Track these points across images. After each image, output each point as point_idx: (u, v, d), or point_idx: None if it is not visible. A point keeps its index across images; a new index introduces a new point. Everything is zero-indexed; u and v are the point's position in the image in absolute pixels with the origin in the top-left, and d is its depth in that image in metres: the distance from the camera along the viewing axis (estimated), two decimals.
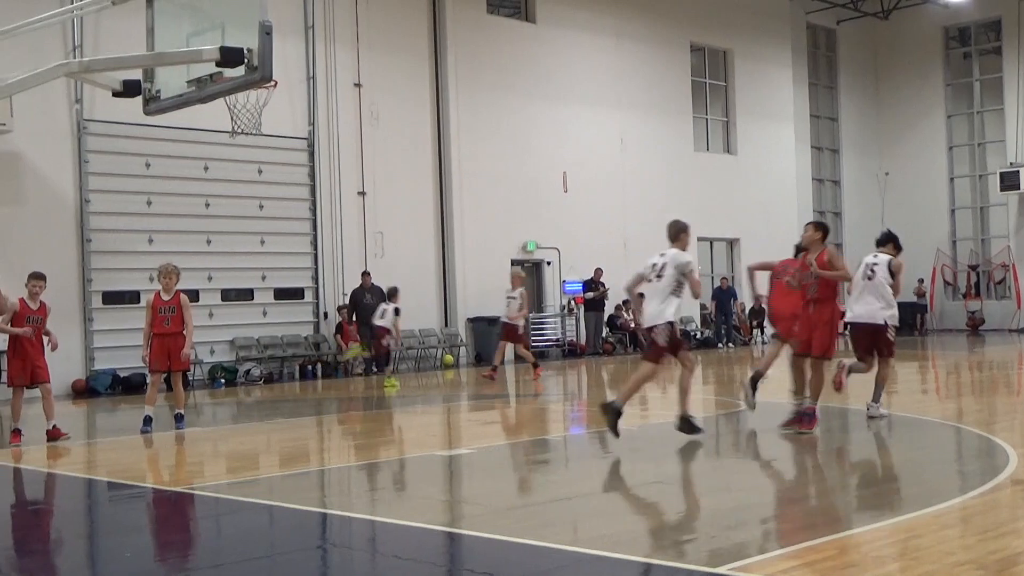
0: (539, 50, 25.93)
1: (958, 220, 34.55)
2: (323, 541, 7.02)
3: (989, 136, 33.86)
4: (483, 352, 23.97)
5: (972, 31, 34.41)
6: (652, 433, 12.05)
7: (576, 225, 26.18)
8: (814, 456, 10.15)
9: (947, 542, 6.04)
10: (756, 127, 31.14)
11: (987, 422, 11.52)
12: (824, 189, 34.83)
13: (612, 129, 27.42)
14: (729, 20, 30.42)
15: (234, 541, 7.00)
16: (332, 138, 22.31)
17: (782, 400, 13.64)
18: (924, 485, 8.08)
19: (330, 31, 22.33)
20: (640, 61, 28.20)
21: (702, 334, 29.03)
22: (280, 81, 12.70)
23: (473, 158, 24.40)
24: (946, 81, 34.57)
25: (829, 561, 5.73)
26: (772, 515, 7.10)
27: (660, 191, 28.22)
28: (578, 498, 8.00)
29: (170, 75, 10.03)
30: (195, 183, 20.35)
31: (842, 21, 34.37)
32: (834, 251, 11.18)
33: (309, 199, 22.07)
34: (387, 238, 23.02)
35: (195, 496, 8.41)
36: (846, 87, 35.12)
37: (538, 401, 16.73)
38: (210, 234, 20.51)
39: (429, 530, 6.87)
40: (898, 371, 20.09)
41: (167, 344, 12.47)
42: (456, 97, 24.17)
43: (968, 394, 15.79)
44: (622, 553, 5.91)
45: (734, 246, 30.81)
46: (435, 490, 8.84)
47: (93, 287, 19.28)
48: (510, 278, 19.90)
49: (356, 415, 15.35)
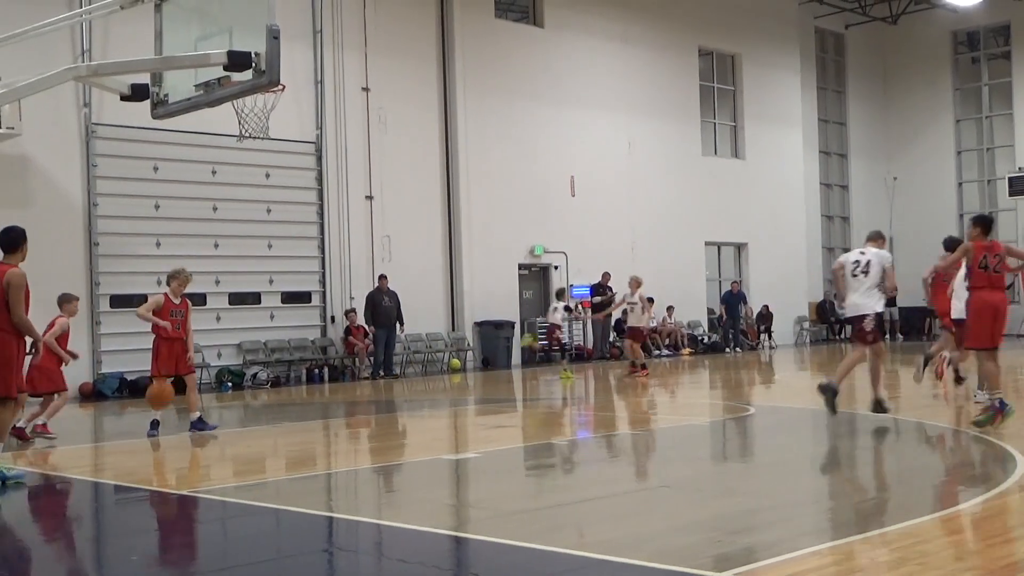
0: (547, 54, 25.94)
1: (967, 225, 34.42)
2: (329, 545, 7.01)
3: (998, 141, 33.80)
4: (489, 356, 23.98)
5: (981, 35, 34.37)
6: (658, 438, 12.05)
7: (584, 229, 26.18)
8: (821, 461, 10.13)
9: (954, 547, 6.03)
10: (764, 131, 31.12)
11: (996, 427, 11.47)
12: (832, 194, 34.80)
13: (620, 133, 27.42)
14: (737, 24, 30.42)
15: (240, 545, 7.00)
16: (340, 142, 22.35)
17: (792, 405, 13.58)
18: (932, 490, 8.05)
19: (338, 35, 22.38)
20: (648, 65, 28.21)
21: (709, 338, 28.99)
22: (288, 85, 12.72)
23: (481, 162, 24.41)
24: (955, 86, 34.52)
25: (836, 566, 5.72)
26: (779, 520, 7.09)
27: (668, 195, 28.23)
28: (584, 502, 7.99)
29: (178, 79, 10.03)
30: (203, 187, 20.40)
31: (850, 26, 34.35)
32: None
33: (316, 203, 22.11)
34: (394, 242, 23.04)
35: (201, 500, 8.41)
36: (854, 91, 35.09)
37: (544, 406, 16.72)
38: (218, 238, 20.55)
39: (435, 534, 6.86)
40: (904, 376, 20.05)
41: (175, 349, 12.54)
42: (464, 101, 24.19)
43: (974, 399, 15.70)
44: (627, 558, 5.90)
45: (742, 250, 30.79)
46: (441, 494, 8.83)
47: (101, 290, 19.33)
48: (628, 284, 20.72)
49: (363, 419, 15.35)
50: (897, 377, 18.65)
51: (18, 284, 8.88)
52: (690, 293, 28.97)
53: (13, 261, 9.16)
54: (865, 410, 12.40)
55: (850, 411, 14.11)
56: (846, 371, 11.83)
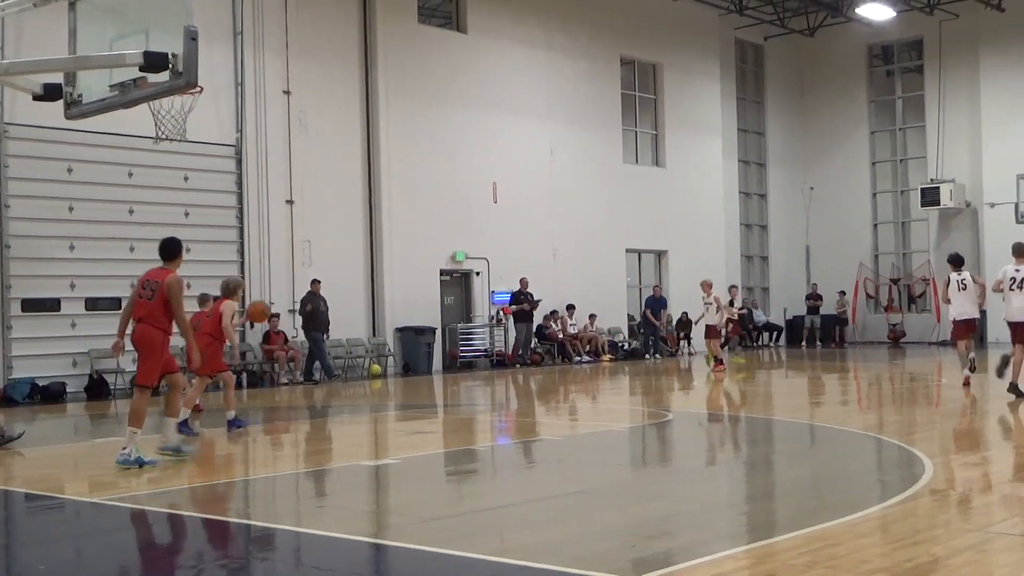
0: (470, 61, 25.97)
1: (880, 235, 35.23)
2: (246, 552, 6.94)
3: (911, 152, 34.58)
4: (410, 362, 23.92)
5: (895, 50, 35.15)
6: (577, 443, 12.12)
7: (505, 235, 26.24)
8: (736, 466, 10.28)
9: (863, 550, 6.15)
10: (685, 140, 31.50)
11: (906, 433, 11.75)
12: (751, 202, 35.31)
13: (542, 140, 27.55)
14: (659, 34, 30.75)
15: (155, 553, 6.90)
16: (260, 146, 22.13)
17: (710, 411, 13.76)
18: (842, 494, 8.22)
19: (259, 38, 22.16)
20: (571, 73, 28.38)
21: (630, 345, 29.23)
22: (207, 87, 12.59)
23: (403, 167, 24.35)
24: (869, 98, 35.26)
25: (748, 570, 5.81)
26: (695, 524, 7.18)
27: (589, 202, 28.42)
28: (503, 508, 8.01)
29: (92, 79, 9.87)
30: (119, 189, 20.05)
31: (769, 37, 34.92)
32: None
33: (236, 207, 21.86)
34: (315, 247, 22.87)
35: (116, 508, 8.26)
36: (773, 102, 35.67)
37: (465, 411, 16.72)
38: (134, 241, 20.20)
39: (354, 541, 6.83)
40: (822, 382, 20.44)
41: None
42: (386, 106, 24.12)
43: (888, 405, 16.09)
44: (545, 563, 5.93)
45: (662, 258, 31.10)
46: (360, 500, 8.79)
47: (12, 294, 18.87)
48: (701, 286, 23.28)
49: (282, 425, 15.21)
50: (819, 386, 18.94)
51: (178, 287, 10.11)
52: (611, 300, 29.17)
53: (172, 267, 10.42)
54: (783, 417, 12.59)
55: (767, 417, 14.35)
56: (1019, 368, 14.36)
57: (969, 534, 6.51)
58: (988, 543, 6.31)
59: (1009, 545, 6.31)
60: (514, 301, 25.76)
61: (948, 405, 15.30)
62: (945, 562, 5.87)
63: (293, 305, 22.27)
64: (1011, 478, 8.86)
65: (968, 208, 32.27)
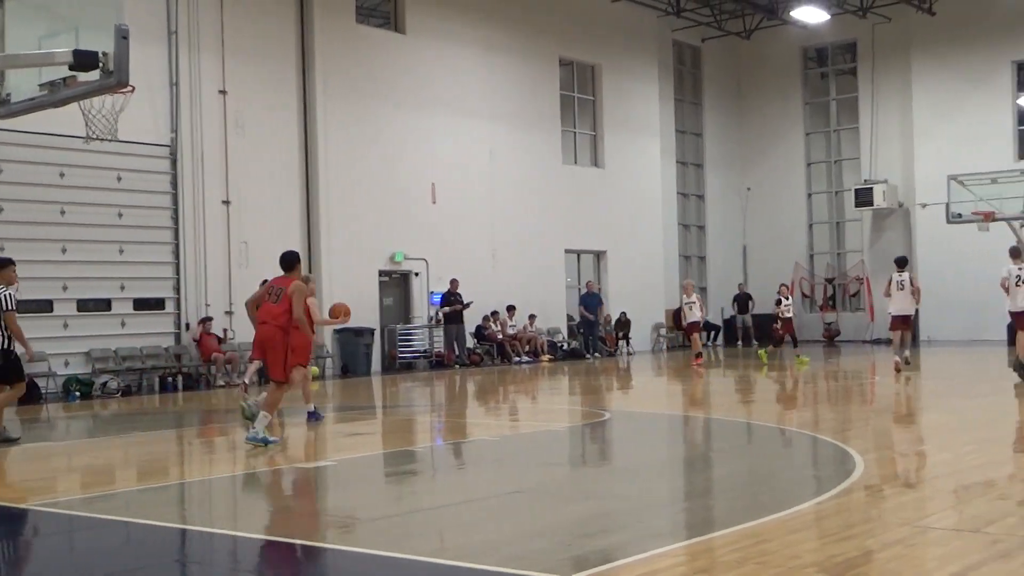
0: (408, 61, 25.89)
1: (815, 235, 35.71)
2: (181, 557, 6.86)
3: (845, 153, 35.09)
4: (349, 363, 23.79)
5: (829, 52, 35.63)
6: (515, 444, 12.14)
7: (444, 236, 26.20)
8: (672, 464, 10.37)
9: (793, 546, 6.24)
10: (623, 141, 31.67)
11: (840, 430, 11.92)
12: (688, 203, 35.59)
13: (481, 141, 27.54)
14: (598, 36, 30.89)
15: (86, 559, 6.80)
16: (196, 146, 21.88)
17: (647, 410, 13.87)
18: (775, 491, 8.32)
19: (194, 37, 21.90)
20: (510, 74, 28.42)
21: (569, 345, 29.32)
22: (141, 87, 12.41)
23: (341, 168, 24.21)
24: (804, 100, 35.71)
25: (680, 567, 5.86)
26: (631, 522, 7.23)
27: (528, 203, 28.46)
28: (439, 508, 8.01)
29: (21, 78, 9.70)
30: (50, 190, 19.71)
31: (707, 39, 35.22)
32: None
33: (171, 207, 21.59)
34: (252, 248, 22.64)
35: (45, 513, 8.13)
36: (710, 104, 35.99)
37: (404, 413, 16.68)
38: (65, 242, 19.89)
39: (289, 544, 6.78)
40: (755, 381, 20.67)
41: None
42: (324, 106, 23.96)
43: (823, 403, 16.31)
44: (481, 563, 5.94)
45: (601, 258, 31.24)
46: (297, 502, 8.73)
47: None
48: (683, 288, 25.49)
49: (217, 427, 15.06)
50: (753, 384, 19.15)
51: (300, 292, 11.46)
52: (550, 300, 29.25)
53: (293, 276, 11.81)
54: (718, 415, 12.71)
55: (704, 416, 14.50)
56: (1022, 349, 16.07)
57: (899, 528, 6.62)
58: (917, 537, 6.43)
59: (938, 539, 6.43)
60: (444, 303, 25.70)
61: (881, 402, 15.55)
62: (875, 556, 5.98)
63: (230, 307, 22.03)
64: (941, 473, 9.03)
65: (901, 208, 32.83)
